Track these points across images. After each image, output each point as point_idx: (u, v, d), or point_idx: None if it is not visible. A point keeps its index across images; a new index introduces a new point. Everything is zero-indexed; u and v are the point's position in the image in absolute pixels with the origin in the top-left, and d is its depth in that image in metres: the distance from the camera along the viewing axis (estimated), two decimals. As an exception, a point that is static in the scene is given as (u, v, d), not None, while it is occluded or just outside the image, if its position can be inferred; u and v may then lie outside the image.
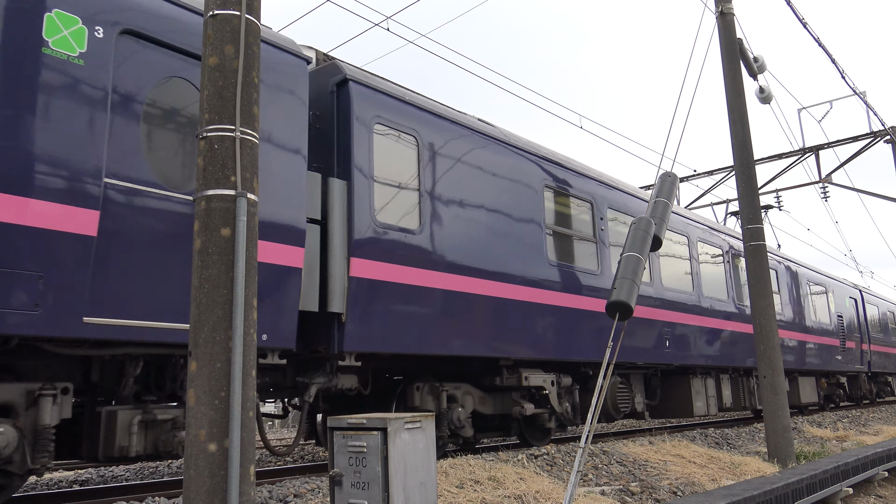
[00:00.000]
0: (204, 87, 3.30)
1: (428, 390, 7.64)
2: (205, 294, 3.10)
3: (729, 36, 10.16)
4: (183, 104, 5.28)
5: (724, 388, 13.37)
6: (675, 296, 11.67)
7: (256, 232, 3.30)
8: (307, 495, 5.26)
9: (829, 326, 18.29)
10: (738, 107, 9.91)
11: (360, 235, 6.35)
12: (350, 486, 4.14)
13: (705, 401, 12.50)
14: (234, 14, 3.34)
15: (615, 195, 10.61)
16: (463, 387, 8.03)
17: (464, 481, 5.78)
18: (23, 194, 4.23)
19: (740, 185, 9.73)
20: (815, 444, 11.36)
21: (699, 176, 21.24)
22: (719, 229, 14.08)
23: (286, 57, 6.05)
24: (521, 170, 8.58)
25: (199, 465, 2.96)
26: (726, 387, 13.47)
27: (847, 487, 7.87)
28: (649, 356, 10.58)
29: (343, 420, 4.27)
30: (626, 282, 5.01)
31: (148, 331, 4.79)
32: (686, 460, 8.39)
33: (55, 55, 4.47)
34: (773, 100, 11.57)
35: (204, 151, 3.24)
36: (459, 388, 7.97)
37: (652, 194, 5.92)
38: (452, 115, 7.83)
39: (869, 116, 18.21)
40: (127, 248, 4.72)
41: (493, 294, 7.78)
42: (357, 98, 6.63)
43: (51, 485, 8.13)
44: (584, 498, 5.90)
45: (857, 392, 21.33)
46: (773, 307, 9.39)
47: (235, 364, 3.04)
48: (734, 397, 13.90)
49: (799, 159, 19.40)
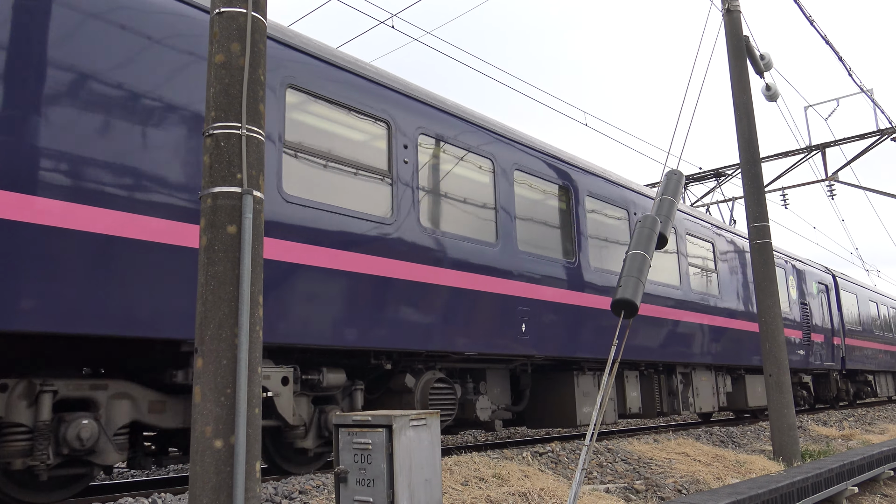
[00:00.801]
0: (210, 84, 3.31)
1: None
2: (211, 291, 3.11)
3: (735, 33, 10.13)
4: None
5: (631, 389, 10.47)
6: (537, 265, 8.45)
7: (262, 229, 3.31)
8: (312, 492, 5.27)
9: (787, 315, 15.78)
10: (744, 104, 9.87)
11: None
12: (355, 483, 4.15)
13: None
14: (241, 12, 3.35)
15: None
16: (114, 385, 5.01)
17: (468, 479, 5.79)
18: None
19: (746, 182, 9.70)
20: (820, 443, 11.33)
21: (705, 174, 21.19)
22: (617, 181, 10.66)
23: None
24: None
25: (205, 461, 2.97)
26: (633, 387, 10.55)
27: (853, 486, 7.86)
28: (493, 344, 7.59)
29: (348, 417, 4.28)
30: (631, 280, 5.00)
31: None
32: (691, 458, 8.38)
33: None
34: (779, 97, 11.53)
35: (210, 149, 3.24)
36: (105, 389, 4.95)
37: (658, 191, 5.91)
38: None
39: (876, 114, 18.14)
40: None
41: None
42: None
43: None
44: (588, 495, 5.89)
45: (827, 393, 18.72)
46: (778, 306, 9.35)
47: (241, 361, 3.05)
48: (645, 399, 11.09)
49: (805, 157, 19.34)
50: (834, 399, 19.43)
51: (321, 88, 6.38)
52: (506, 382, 8.59)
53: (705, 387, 12.48)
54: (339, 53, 6.80)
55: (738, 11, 10.23)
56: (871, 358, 21.08)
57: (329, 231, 6.12)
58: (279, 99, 5.99)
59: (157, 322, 4.84)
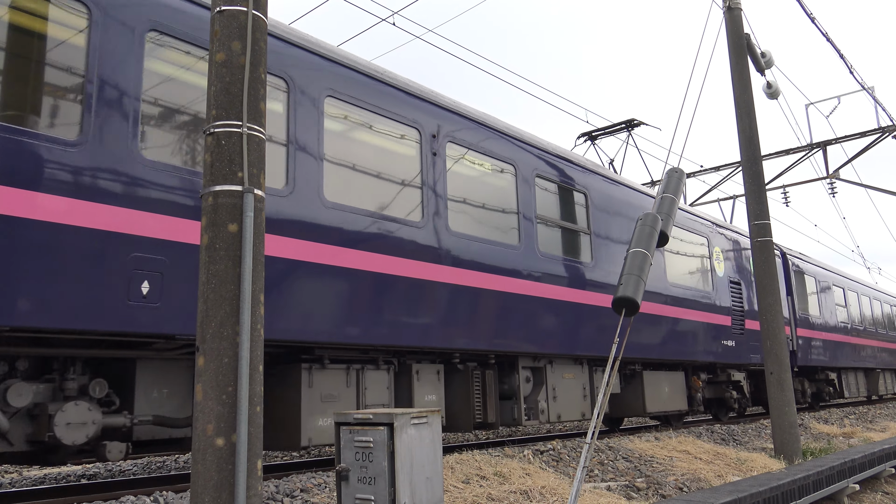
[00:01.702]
0: (211, 82, 3.31)
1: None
2: (212, 290, 3.12)
3: (736, 31, 10.12)
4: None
5: (426, 391, 7.30)
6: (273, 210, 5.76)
7: (263, 227, 3.31)
8: (314, 490, 5.28)
9: (708, 296, 12.25)
10: (745, 102, 9.87)
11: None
12: (356, 481, 4.15)
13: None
14: (241, 10, 3.35)
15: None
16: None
17: (470, 476, 5.80)
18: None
19: (747, 180, 9.70)
20: (821, 441, 11.34)
21: (706, 171, 21.19)
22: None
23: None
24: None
25: (207, 459, 2.97)
26: (431, 387, 7.36)
27: (854, 484, 7.86)
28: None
29: (349, 415, 4.29)
30: (632, 278, 5.00)
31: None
32: (692, 456, 8.39)
33: None
34: (780, 95, 11.52)
35: (211, 147, 3.25)
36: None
37: (659, 189, 5.91)
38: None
39: (877, 111, 18.13)
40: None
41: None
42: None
43: (59, 479, 8.19)
44: (589, 493, 5.90)
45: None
46: (779, 304, 9.34)
47: (243, 359, 3.05)
48: (455, 405, 7.78)
49: (806, 155, 19.32)
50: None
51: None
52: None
53: (569, 387, 9.17)
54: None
55: (739, 9, 10.22)
56: (835, 353, 17.86)
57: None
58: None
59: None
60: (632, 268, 5.06)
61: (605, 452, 7.81)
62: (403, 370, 7.27)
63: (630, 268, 5.06)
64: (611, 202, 10.34)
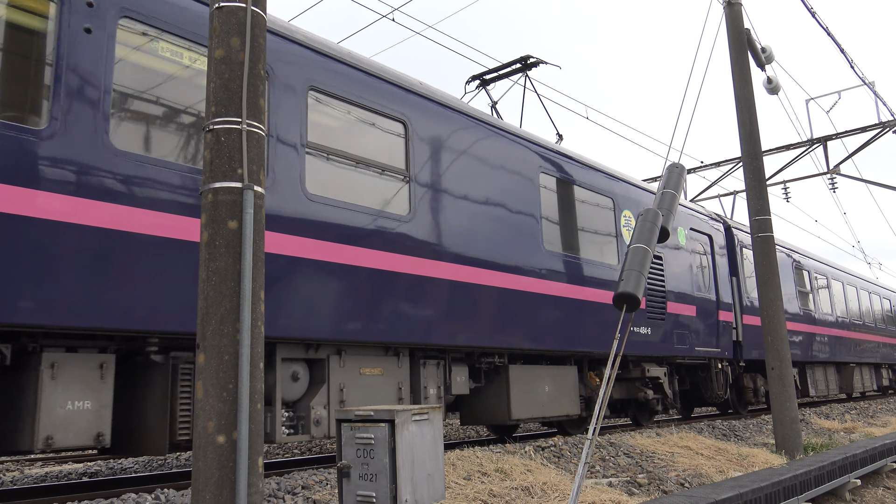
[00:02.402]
0: (210, 79, 3.30)
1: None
2: (212, 287, 3.11)
3: (737, 26, 10.10)
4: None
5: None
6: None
7: (263, 224, 3.30)
8: (315, 487, 5.28)
9: (613, 270, 9.67)
10: (745, 97, 9.85)
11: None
12: (358, 478, 4.15)
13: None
14: (240, 6, 3.33)
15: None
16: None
17: (471, 473, 5.80)
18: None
19: (748, 176, 9.69)
20: (822, 436, 11.35)
21: (706, 167, 21.17)
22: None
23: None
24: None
25: (208, 456, 2.97)
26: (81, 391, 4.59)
27: (855, 479, 7.86)
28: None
29: (350, 412, 4.28)
30: (633, 273, 4.99)
31: None
32: (693, 452, 8.39)
33: None
34: (780, 90, 11.50)
35: (210, 144, 3.24)
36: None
37: (659, 185, 5.90)
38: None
39: (878, 106, 18.09)
40: None
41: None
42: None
43: (60, 477, 8.19)
44: (591, 489, 5.90)
45: (709, 392, 12.39)
46: (780, 299, 9.33)
47: (243, 356, 3.05)
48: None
49: (807, 150, 19.29)
50: (724, 402, 13.75)
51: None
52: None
53: (372, 388, 6.50)
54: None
55: (739, 4, 10.20)
56: (796, 345, 15.12)
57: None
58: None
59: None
60: (633, 263, 5.05)
61: (606, 448, 7.81)
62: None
63: (631, 263, 5.06)
64: (450, 138, 7.51)
